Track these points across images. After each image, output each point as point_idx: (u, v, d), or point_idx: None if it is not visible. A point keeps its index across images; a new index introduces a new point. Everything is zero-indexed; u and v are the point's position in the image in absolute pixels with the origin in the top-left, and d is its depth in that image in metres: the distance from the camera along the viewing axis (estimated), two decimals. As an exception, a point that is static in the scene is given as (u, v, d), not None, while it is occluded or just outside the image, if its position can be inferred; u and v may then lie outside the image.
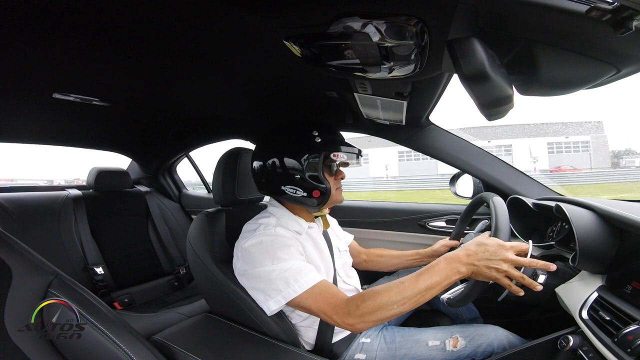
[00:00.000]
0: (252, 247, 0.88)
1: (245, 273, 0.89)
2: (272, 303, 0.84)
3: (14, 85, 1.03)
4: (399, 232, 1.67)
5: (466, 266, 0.75)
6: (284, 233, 0.92)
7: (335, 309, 0.79)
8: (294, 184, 0.92)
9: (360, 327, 0.77)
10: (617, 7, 0.42)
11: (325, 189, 0.92)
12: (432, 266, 0.77)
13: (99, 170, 1.95)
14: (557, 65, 0.63)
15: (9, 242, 0.70)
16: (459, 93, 0.72)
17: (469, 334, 0.89)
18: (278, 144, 0.97)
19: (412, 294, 0.74)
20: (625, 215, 0.77)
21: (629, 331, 0.63)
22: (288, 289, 0.82)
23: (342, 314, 0.77)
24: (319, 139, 0.92)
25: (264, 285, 0.85)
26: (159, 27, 0.73)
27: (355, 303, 0.77)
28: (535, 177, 1.35)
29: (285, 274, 0.83)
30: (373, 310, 0.75)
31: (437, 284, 0.74)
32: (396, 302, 0.74)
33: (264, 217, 0.98)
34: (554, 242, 1.04)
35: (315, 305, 0.81)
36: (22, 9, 0.63)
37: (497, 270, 0.74)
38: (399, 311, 0.74)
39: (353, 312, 0.76)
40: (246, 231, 0.95)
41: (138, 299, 1.83)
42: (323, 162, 0.92)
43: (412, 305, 0.75)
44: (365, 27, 0.60)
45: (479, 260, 0.75)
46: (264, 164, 0.96)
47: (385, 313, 0.74)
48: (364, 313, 0.75)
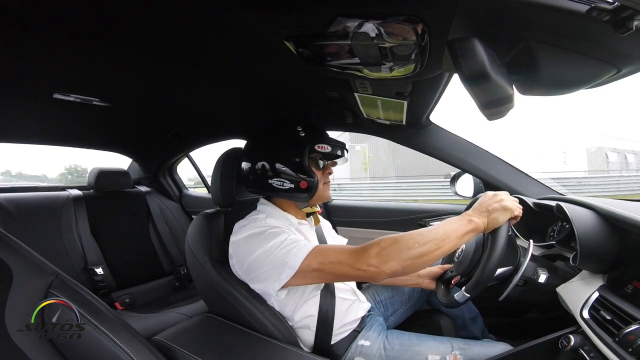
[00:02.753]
0: (244, 239, 0.88)
1: (248, 266, 0.87)
2: (283, 277, 0.79)
3: (14, 86, 1.03)
4: (399, 232, 1.67)
5: (477, 215, 0.81)
6: (274, 223, 0.92)
7: (352, 254, 0.75)
8: (281, 177, 0.94)
9: (384, 267, 0.72)
10: (617, 7, 0.42)
11: (312, 180, 0.94)
12: (445, 220, 0.82)
13: (100, 170, 1.95)
14: (557, 65, 0.63)
15: (9, 242, 0.71)
16: (459, 93, 0.72)
17: (470, 355, 0.87)
18: (264, 142, 0.99)
19: (431, 237, 0.74)
20: (626, 215, 0.77)
21: (630, 331, 0.63)
22: (291, 257, 0.79)
23: (362, 256, 0.74)
24: (302, 133, 0.94)
25: (270, 264, 0.82)
26: (159, 27, 0.73)
27: (374, 243, 0.75)
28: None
29: (283, 245, 0.81)
30: (395, 250, 0.72)
31: (454, 231, 0.77)
32: (417, 242, 0.73)
33: (253, 214, 0.99)
34: (554, 241, 1.04)
35: (328, 258, 0.77)
36: (22, 9, 0.63)
37: (502, 206, 0.81)
38: (421, 252, 0.72)
39: (374, 252, 0.73)
40: (237, 227, 0.95)
41: (139, 299, 1.84)
42: (309, 155, 0.94)
43: (433, 248, 0.73)
44: (365, 27, 0.60)
45: (482, 207, 0.83)
46: (252, 162, 0.98)
47: (408, 253, 0.72)
48: (386, 252, 0.72)
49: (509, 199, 0.84)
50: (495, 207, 0.82)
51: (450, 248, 0.76)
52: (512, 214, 0.83)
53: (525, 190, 1.29)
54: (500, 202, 0.82)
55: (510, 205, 0.82)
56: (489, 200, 0.84)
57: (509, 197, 0.86)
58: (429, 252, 0.73)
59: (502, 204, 0.82)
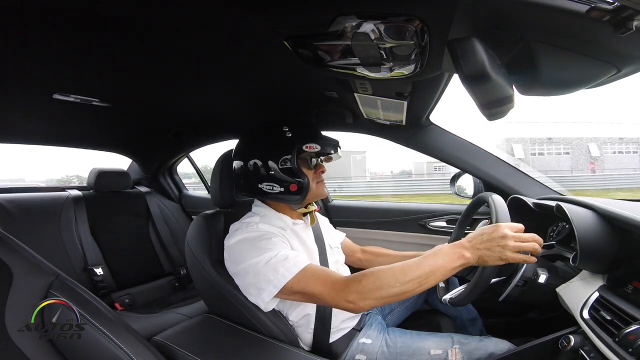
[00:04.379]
0: (236, 244, 0.88)
1: (236, 273, 0.89)
2: (265, 295, 0.82)
3: (14, 86, 1.03)
4: (399, 232, 1.67)
5: (470, 250, 0.75)
6: (267, 228, 0.92)
7: (334, 287, 0.77)
8: (271, 181, 0.93)
9: (361, 304, 0.74)
10: (617, 7, 0.42)
11: (302, 182, 0.92)
12: (436, 250, 0.78)
13: (99, 170, 1.95)
14: (557, 65, 0.63)
15: (9, 242, 0.70)
16: (458, 93, 0.72)
17: (469, 350, 0.87)
18: (252, 144, 0.98)
19: (415, 276, 0.73)
20: (625, 215, 0.77)
21: (630, 331, 0.63)
22: (277, 276, 0.80)
23: (342, 291, 0.75)
24: (289, 133, 0.93)
25: (254, 279, 0.83)
26: (159, 27, 0.73)
27: (356, 279, 0.75)
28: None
29: (272, 261, 0.81)
30: (375, 288, 0.73)
31: (441, 267, 0.74)
32: (398, 281, 0.72)
33: (247, 217, 0.99)
34: (554, 241, 1.04)
35: (310, 287, 0.78)
36: (22, 9, 0.63)
37: (502, 247, 0.73)
38: (401, 290, 0.73)
39: (354, 289, 0.74)
40: (231, 231, 0.96)
41: (139, 299, 1.83)
42: (298, 156, 0.92)
43: (415, 287, 0.73)
44: (365, 27, 0.60)
45: (481, 243, 0.75)
46: (242, 165, 0.97)
47: (388, 291, 0.73)
48: (365, 289, 0.73)
49: (514, 246, 0.73)
50: (494, 250, 0.74)
51: (434, 283, 0.75)
52: (511, 251, 0.73)
53: (525, 190, 1.29)
54: (503, 247, 0.73)
55: (511, 257, 0.73)
56: (492, 237, 0.74)
57: (514, 233, 0.75)
58: (410, 290, 0.73)
59: (503, 254, 0.73)
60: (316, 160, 1.00)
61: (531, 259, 0.76)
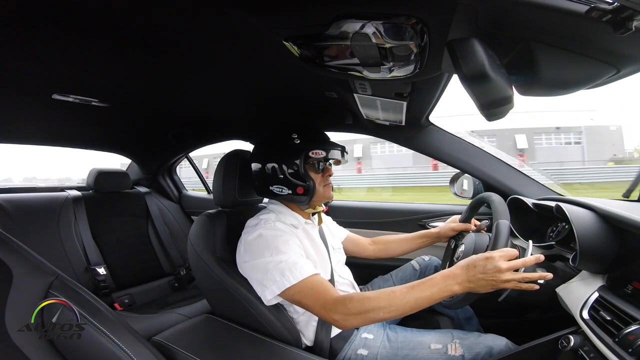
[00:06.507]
0: (254, 240, 0.93)
1: (246, 263, 0.93)
2: (267, 293, 0.88)
3: (13, 86, 1.03)
4: (399, 232, 1.67)
5: (460, 285, 0.76)
6: (282, 227, 0.97)
7: (324, 304, 0.82)
8: (280, 183, 1.01)
9: (343, 324, 0.81)
10: (617, 8, 0.42)
11: (308, 185, 0.99)
12: (426, 280, 0.79)
13: (99, 171, 1.95)
14: (557, 65, 0.63)
15: (9, 243, 0.70)
16: (458, 93, 0.72)
17: (468, 344, 0.89)
18: (264, 150, 1.06)
19: (400, 304, 0.77)
20: (625, 215, 0.78)
21: (630, 331, 0.63)
22: (282, 280, 0.85)
23: (329, 311, 0.81)
24: (297, 140, 1.00)
25: (261, 276, 0.89)
26: (158, 27, 0.73)
27: (343, 302, 0.80)
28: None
29: (280, 264, 0.87)
30: (359, 312, 0.78)
31: (429, 298, 0.77)
32: (383, 309, 0.77)
33: (264, 213, 1.04)
34: (554, 242, 1.04)
35: (305, 299, 0.84)
36: (22, 9, 0.63)
37: (495, 281, 0.74)
38: (384, 317, 0.78)
39: (340, 310, 0.79)
40: (248, 226, 1.01)
41: (138, 299, 1.83)
42: (305, 161, 1.00)
43: (398, 315, 0.79)
44: (364, 27, 0.60)
45: (474, 276, 0.75)
46: (256, 168, 1.06)
47: (371, 316, 0.78)
48: (350, 313, 0.79)
49: (509, 279, 0.74)
50: (489, 279, 0.74)
51: (418, 310, 0.79)
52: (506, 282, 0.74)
53: (524, 191, 1.29)
54: (495, 275, 0.73)
55: (509, 279, 0.74)
56: (485, 270, 0.74)
57: (508, 264, 0.74)
58: (393, 317, 0.79)
59: (499, 277, 0.73)
60: (324, 165, 1.05)
61: (533, 287, 0.76)
